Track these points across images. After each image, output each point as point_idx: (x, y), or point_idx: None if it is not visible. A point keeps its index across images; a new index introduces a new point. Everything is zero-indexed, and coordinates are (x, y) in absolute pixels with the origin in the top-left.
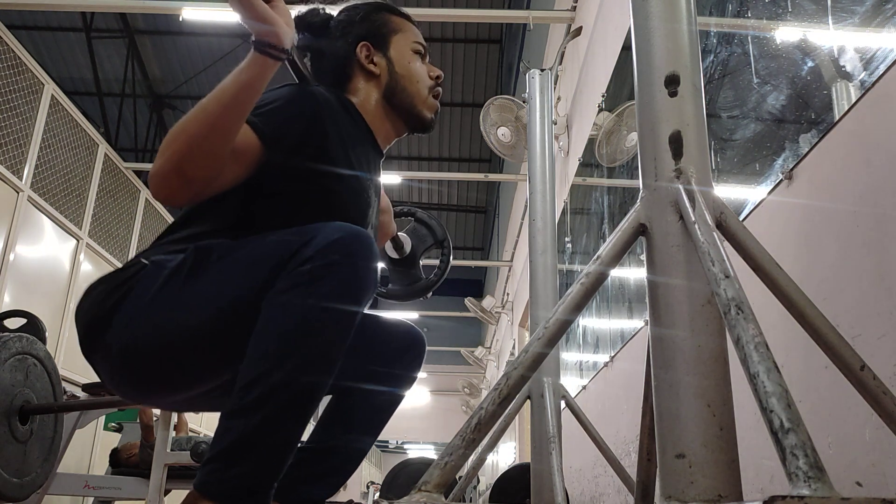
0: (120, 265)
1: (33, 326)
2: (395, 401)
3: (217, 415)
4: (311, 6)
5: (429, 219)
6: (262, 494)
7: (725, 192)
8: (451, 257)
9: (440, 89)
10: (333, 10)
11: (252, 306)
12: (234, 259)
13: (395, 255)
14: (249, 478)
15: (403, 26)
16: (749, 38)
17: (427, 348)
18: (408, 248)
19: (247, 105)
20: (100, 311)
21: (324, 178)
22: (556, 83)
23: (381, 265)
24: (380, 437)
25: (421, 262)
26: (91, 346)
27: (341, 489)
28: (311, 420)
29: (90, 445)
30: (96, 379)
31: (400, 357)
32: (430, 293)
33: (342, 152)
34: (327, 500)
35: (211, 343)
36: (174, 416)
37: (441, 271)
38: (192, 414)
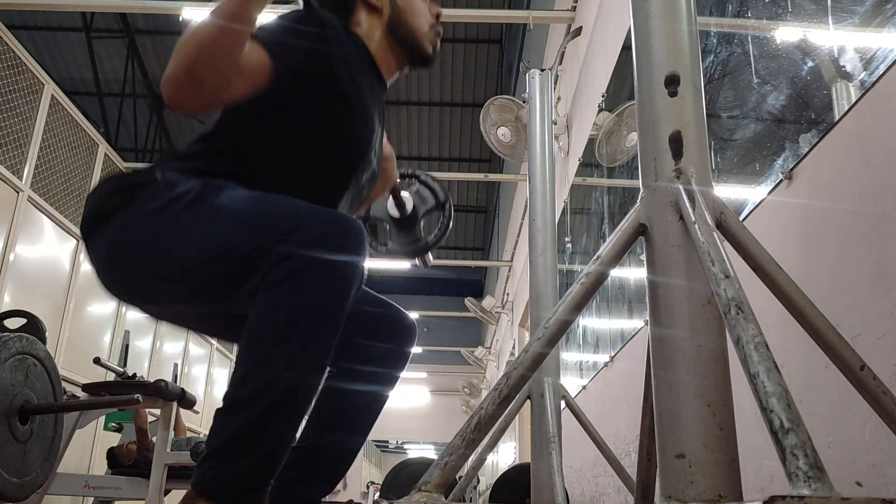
0: None
1: (33, 326)
2: (381, 399)
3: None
4: None
5: (432, 181)
6: (258, 491)
7: (725, 192)
8: (452, 220)
9: (440, 29)
10: None
11: (224, 263)
12: (228, 214)
13: (396, 214)
14: (246, 475)
15: None
16: (749, 38)
17: (427, 348)
18: (409, 207)
19: (256, 7)
20: (103, 206)
21: (329, 98)
22: (556, 83)
23: (384, 225)
24: (380, 438)
25: (422, 223)
26: (89, 234)
27: (341, 489)
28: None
29: (90, 445)
30: (96, 379)
31: (385, 356)
32: (430, 252)
33: (347, 75)
34: (326, 500)
35: (181, 276)
36: (174, 417)
37: (441, 232)
38: (191, 414)
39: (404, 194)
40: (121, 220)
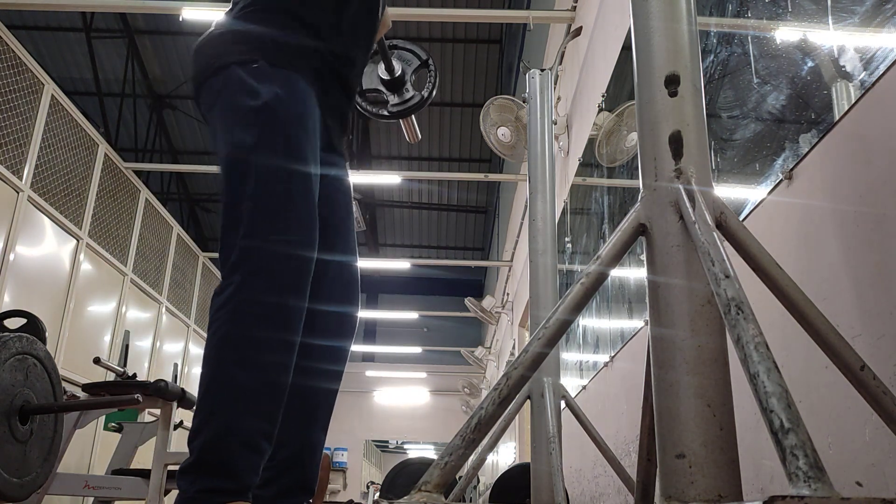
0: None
1: (33, 326)
2: (330, 398)
3: None
4: None
5: (411, 45)
6: (240, 495)
7: (725, 192)
8: (438, 74)
9: None
10: None
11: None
12: (250, 160)
13: (386, 76)
14: (221, 481)
15: None
16: (749, 38)
17: (427, 348)
18: (398, 70)
19: None
20: (215, 64)
21: None
22: (556, 83)
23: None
24: (380, 438)
25: (410, 82)
26: (197, 85)
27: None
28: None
29: (90, 445)
30: (96, 379)
31: (327, 353)
32: (425, 105)
33: None
34: (325, 500)
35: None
36: (174, 417)
37: (432, 85)
38: (191, 414)
39: (392, 59)
40: (215, 83)
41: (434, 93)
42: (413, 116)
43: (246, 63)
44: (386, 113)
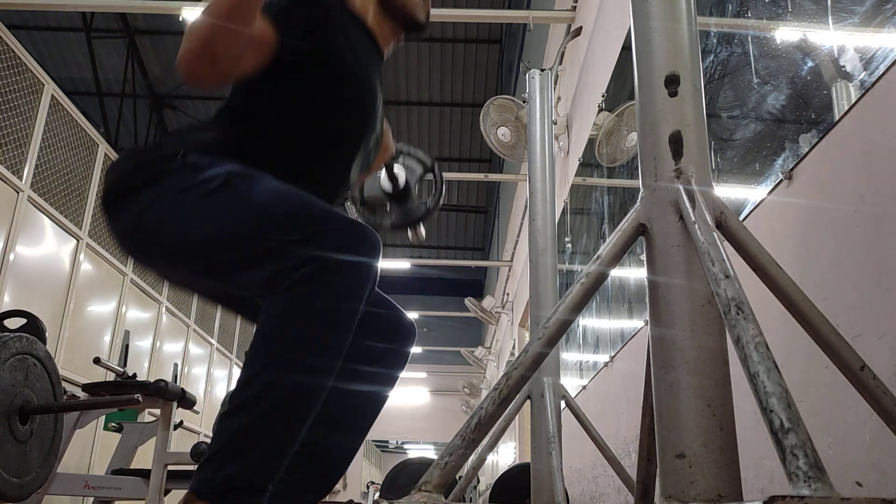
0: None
1: (33, 326)
2: (381, 400)
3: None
4: None
5: (414, 150)
6: (255, 494)
7: (725, 192)
8: (444, 182)
9: None
10: None
11: (242, 252)
12: (252, 206)
13: (390, 188)
14: (242, 477)
15: None
16: (749, 38)
17: (427, 348)
18: (402, 179)
19: None
20: (128, 182)
21: (334, 67)
22: (556, 83)
23: (382, 203)
24: (380, 438)
25: (416, 192)
26: (111, 206)
27: (341, 489)
28: None
29: (90, 445)
30: (96, 379)
31: (385, 356)
32: (423, 225)
33: (348, 46)
34: (325, 500)
35: (201, 256)
36: (174, 417)
37: (438, 194)
38: (191, 414)
39: (396, 167)
40: (146, 198)
41: (441, 202)
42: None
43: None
44: (388, 225)
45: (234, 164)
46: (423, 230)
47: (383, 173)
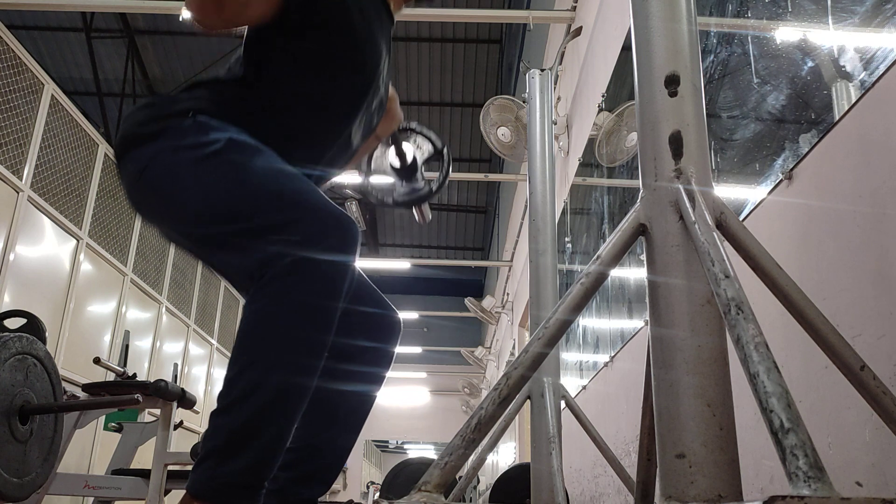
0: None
1: (33, 326)
2: (369, 398)
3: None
4: None
5: (427, 130)
6: (252, 491)
7: (725, 192)
8: (451, 166)
9: None
10: None
11: (224, 227)
12: (240, 180)
13: (397, 165)
14: (239, 475)
15: None
16: (749, 38)
17: (427, 348)
18: (410, 156)
19: None
20: (138, 132)
21: (340, 24)
22: (556, 83)
23: (386, 180)
24: (380, 437)
25: (422, 171)
26: (122, 155)
27: (341, 489)
28: None
29: (90, 445)
30: (96, 379)
31: (370, 354)
32: (428, 207)
33: (355, 4)
34: (325, 500)
35: (187, 222)
36: (174, 417)
37: (443, 177)
38: (191, 414)
39: (405, 144)
40: (151, 150)
41: (445, 183)
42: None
43: (185, 116)
44: (391, 201)
45: (237, 130)
46: (427, 211)
47: (392, 149)
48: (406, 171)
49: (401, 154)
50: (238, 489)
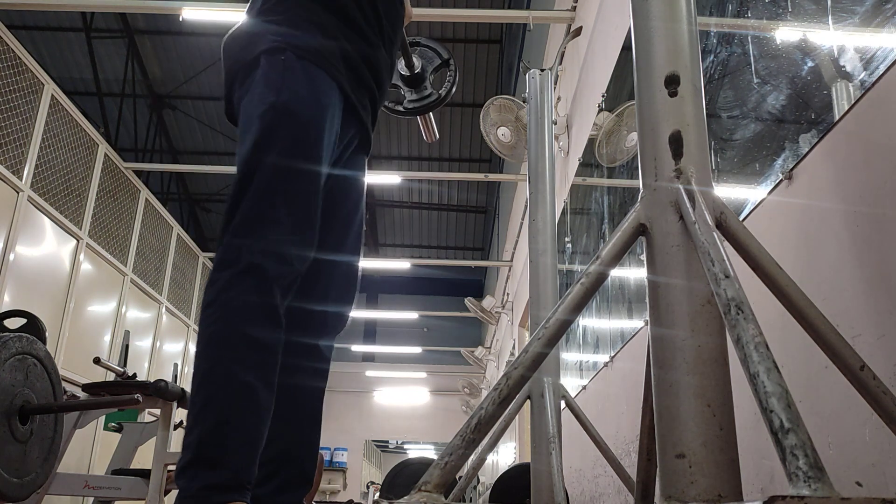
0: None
1: (33, 326)
2: (317, 391)
3: None
4: None
5: (434, 43)
6: (237, 491)
7: (725, 192)
8: (458, 75)
9: None
10: None
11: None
12: (261, 161)
13: (406, 72)
14: (219, 477)
15: None
16: (749, 38)
17: (427, 348)
18: (418, 66)
19: None
20: (236, 60)
21: None
22: (556, 83)
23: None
24: (379, 438)
25: (430, 80)
26: (227, 83)
27: (341, 489)
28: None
29: (90, 445)
30: (96, 379)
31: (315, 351)
32: (442, 104)
33: None
34: (324, 500)
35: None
36: (174, 417)
37: (451, 84)
38: None
39: (413, 55)
40: (241, 87)
41: (453, 91)
42: (431, 115)
43: (274, 53)
44: (401, 109)
45: (295, 81)
46: (434, 126)
47: (402, 59)
48: (414, 79)
49: (410, 64)
50: (222, 490)
